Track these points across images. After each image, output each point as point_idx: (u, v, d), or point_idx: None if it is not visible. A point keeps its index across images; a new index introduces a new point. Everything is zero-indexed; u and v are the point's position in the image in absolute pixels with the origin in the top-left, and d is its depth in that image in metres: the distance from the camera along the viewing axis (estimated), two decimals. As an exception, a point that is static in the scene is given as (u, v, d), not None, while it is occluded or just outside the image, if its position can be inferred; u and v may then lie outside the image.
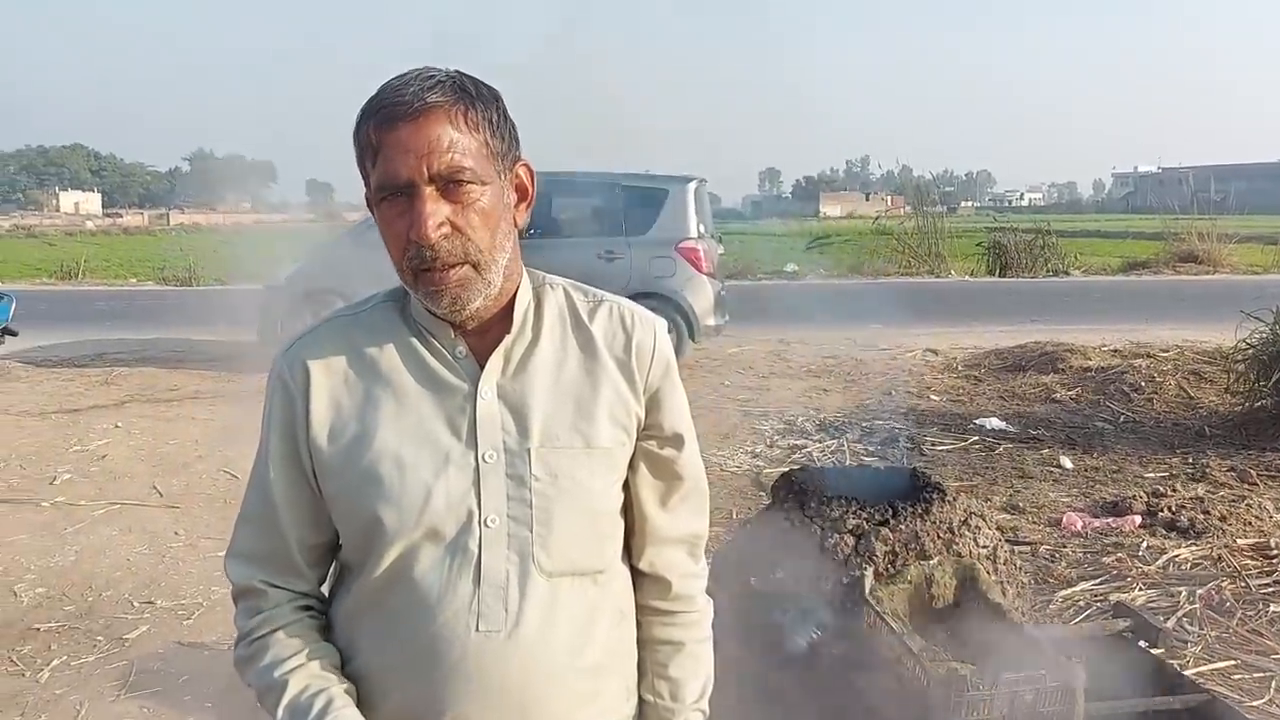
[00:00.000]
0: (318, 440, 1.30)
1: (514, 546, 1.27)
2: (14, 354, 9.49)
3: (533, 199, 1.34)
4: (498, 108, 1.28)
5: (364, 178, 1.28)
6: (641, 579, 1.44)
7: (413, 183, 1.21)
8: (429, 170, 1.20)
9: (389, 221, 1.24)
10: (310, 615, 1.37)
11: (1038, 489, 6.06)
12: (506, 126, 1.29)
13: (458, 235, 1.23)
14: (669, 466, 1.41)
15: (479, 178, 1.24)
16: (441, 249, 1.22)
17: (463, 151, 1.22)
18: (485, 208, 1.25)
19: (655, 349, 1.38)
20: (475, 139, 1.24)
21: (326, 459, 1.30)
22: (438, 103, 1.22)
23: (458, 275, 1.24)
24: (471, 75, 1.28)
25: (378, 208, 1.26)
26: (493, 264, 1.26)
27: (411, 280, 1.26)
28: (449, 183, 1.22)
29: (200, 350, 10.73)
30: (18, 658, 4.03)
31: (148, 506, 5.82)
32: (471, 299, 1.26)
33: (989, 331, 11.98)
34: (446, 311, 1.27)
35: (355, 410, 1.30)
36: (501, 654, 1.26)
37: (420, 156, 1.20)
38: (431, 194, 1.21)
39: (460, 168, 1.22)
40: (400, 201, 1.22)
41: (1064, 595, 4.37)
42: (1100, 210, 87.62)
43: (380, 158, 1.22)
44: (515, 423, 1.29)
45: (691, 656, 1.46)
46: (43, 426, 7.49)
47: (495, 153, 1.27)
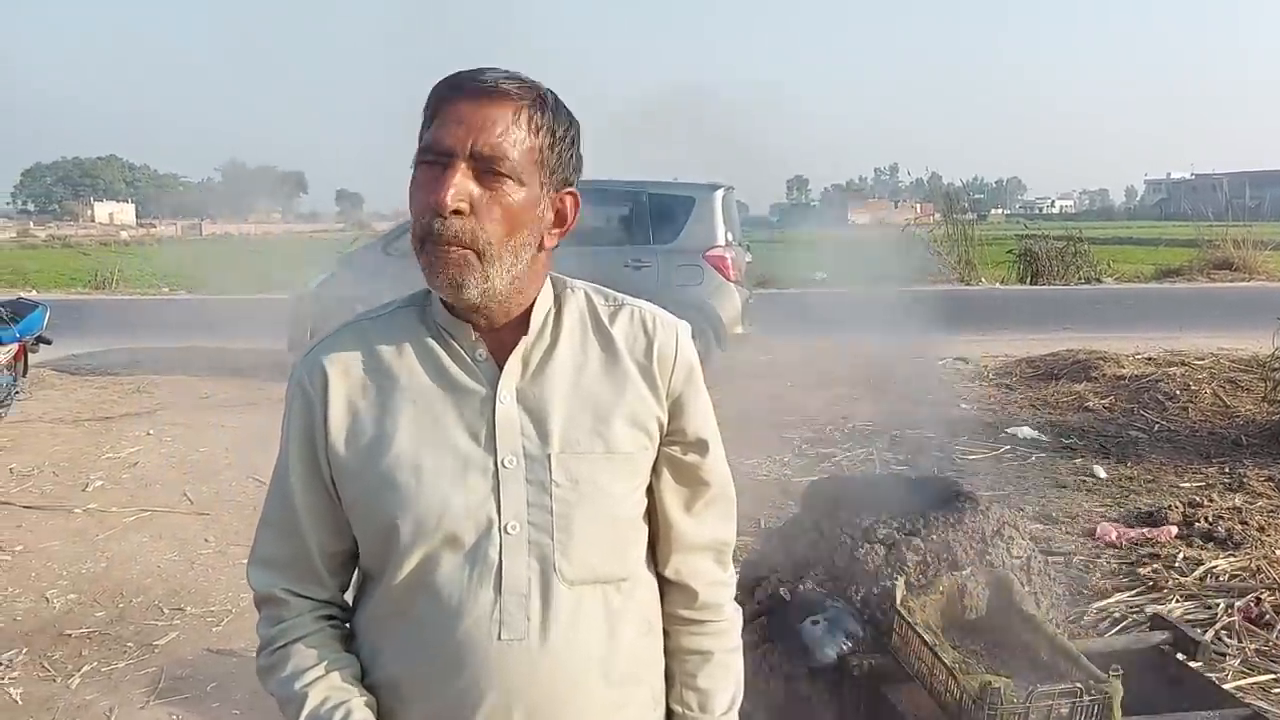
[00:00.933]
0: (336, 446, 1.29)
1: (535, 554, 1.26)
2: (48, 362, 9.60)
3: (569, 228, 1.33)
4: (568, 129, 1.28)
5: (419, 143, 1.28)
6: (668, 587, 1.42)
7: (452, 152, 1.21)
8: (472, 145, 1.21)
9: (418, 185, 1.24)
10: (332, 625, 1.36)
11: (1071, 498, 5.99)
12: (570, 150, 1.29)
13: (472, 218, 1.22)
14: (693, 472, 1.39)
15: (517, 174, 1.23)
16: (451, 224, 1.21)
17: (512, 143, 1.22)
18: (512, 206, 1.23)
19: (678, 353, 1.36)
20: (530, 140, 1.24)
21: (344, 465, 1.29)
22: (509, 91, 1.23)
23: (456, 255, 1.22)
24: (555, 93, 1.28)
25: (415, 169, 1.26)
26: (497, 261, 1.24)
27: (418, 248, 1.25)
28: (487, 167, 1.21)
29: (231, 359, 10.81)
30: (49, 663, 4.06)
31: (178, 513, 5.86)
32: (468, 284, 1.24)
33: (1020, 339, 11.86)
34: (444, 291, 1.25)
35: (373, 415, 1.29)
36: (524, 662, 1.25)
37: (470, 131, 1.21)
38: (464, 169, 1.21)
39: (503, 156, 1.21)
40: (435, 169, 1.22)
41: (1099, 607, 4.29)
42: (1132, 217, 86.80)
43: (434, 123, 1.23)
44: (535, 427, 1.28)
45: (721, 666, 1.43)
46: (76, 433, 7.57)
47: (545, 163, 1.26)
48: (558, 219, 1.31)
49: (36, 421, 7.80)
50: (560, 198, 1.30)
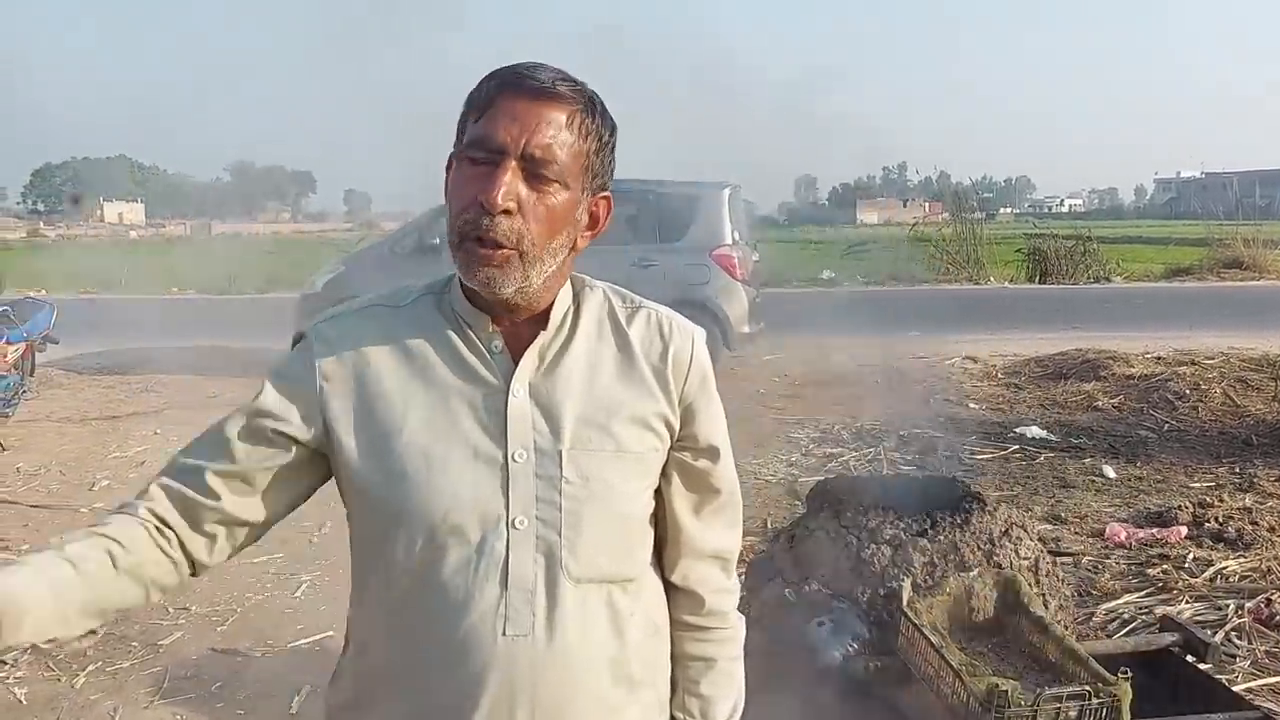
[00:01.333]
0: (345, 430, 1.26)
1: (542, 550, 1.24)
2: (56, 361, 9.62)
3: (601, 230, 1.33)
4: (611, 133, 1.29)
5: (458, 136, 1.27)
6: (674, 593, 1.41)
7: (504, 150, 1.20)
8: (525, 146, 1.20)
9: (462, 179, 1.23)
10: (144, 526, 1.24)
11: (1080, 499, 5.95)
12: (609, 155, 1.29)
13: (519, 217, 1.21)
14: (703, 479, 1.38)
15: (564, 178, 1.23)
16: (499, 223, 1.20)
17: (563, 146, 1.22)
18: (556, 208, 1.23)
19: (692, 358, 1.35)
20: (580, 145, 1.24)
21: (353, 450, 1.26)
22: (565, 94, 1.22)
23: (500, 255, 1.22)
24: (600, 97, 1.28)
25: (457, 162, 1.25)
26: (538, 262, 1.24)
27: (456, 242, 1.24)
28: (536, 169, 1.21)
29: (239, 358, 10.82)
30: (54, 662, 4.05)
31: (184, 513, 5.85)
32: (506, 283, 1.23)
33: (1029, 338, 11.81)
34: (480, 285, 1.24)
35: (385, 402, 1.27)
36: (528, 659, 1.23)
37: (524, 130, 1.20)
38: (515, 169, 1.20)
39: (554, 159, 1.21)
40: (483, 165, 1.21)
41: (1107, 608, 4.26)
42: (1142, 216, 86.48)
43: (485, 116, 1.22)
44: (547, 423, 1.27)
45: (724, 674, 1.43)
46: (83, 433, 7.58)
47: (588, 168, 1.26)
48: (591, 221, 1.32)
49: (43, 421, 7.81)
50: (596, 201, 1.31)
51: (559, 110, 1.21)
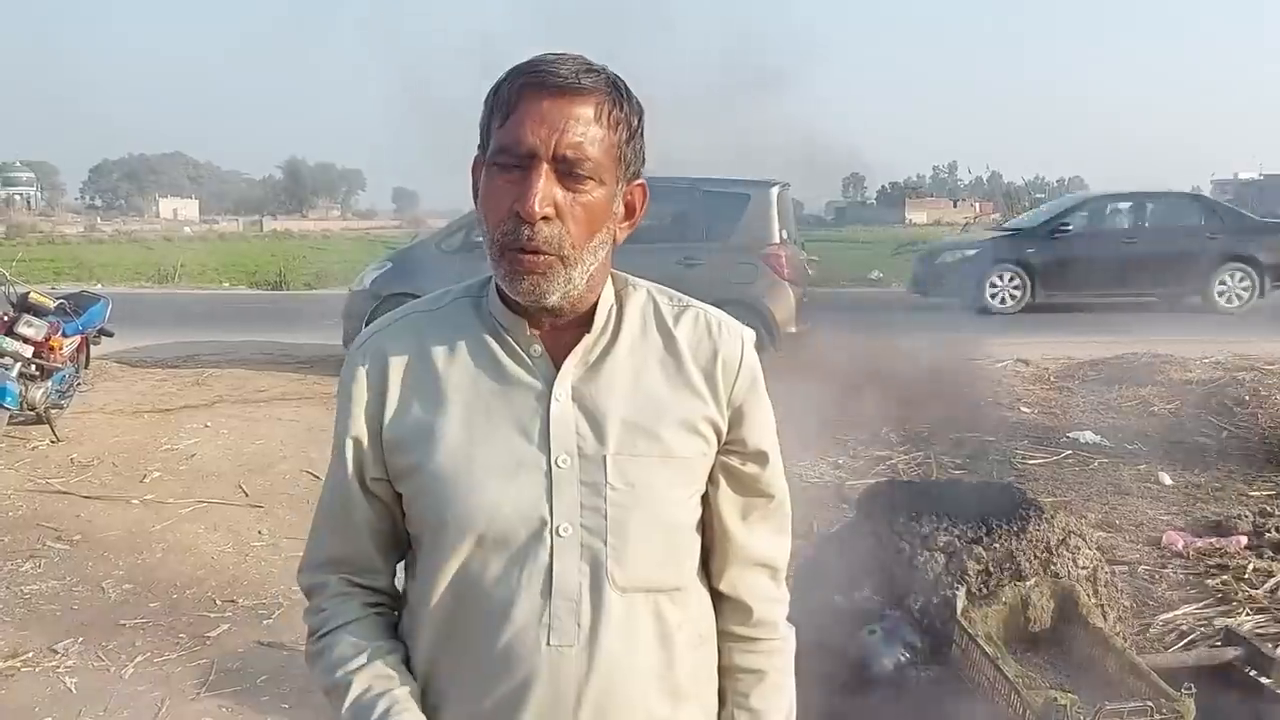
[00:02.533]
0: (390, 439, 1.26)
1: (587, 558, 1.21)
2: (110, 354, 9.76)
3: (638, 220, 1.29)
4: (639, 119, 1.24)
5: (483, 138, 1.23)
6: (722, 602, 1.37)
7: (535, 154, 1.16)
8: (556, 148, 1.16)
9: (495, 189, 1.20)
10: (377, 611, 1.32)
11: (1135, 506, 5.81)
12: (639, 141, 1.25)
13: (558, 222, 1.18)
14: (752, 484, 1.34)
15: (598, 174, 1.19)
16: (540, 232, 1.17)
17: (594, 142, 1.18)
18: (593, 206, 1.20)
19: (742, 360, 1.31)
20: (610, 136, 1.20)
21: (398, 459, 1.26)
22: (590, 87, 1.18)
23: (543, 262, 1.18)
24: (623, 80, 1.24)
25: (486, 171, 1.21)
26: (579, 263, 1.20)
27: (497, 255, 1.20)
28: (569, 169, 1.17)
29: (288, 352, 10.93)
30: (103, 652, 4.10)
31: (233, 505, 5.90)
32: (551, 290, 1.20)
33: (1082, 341, 11.58)
34: (524, 296, 1.21)
35: (426, 411, 1.25)
36: (573, 670, 1.20)
37: (553, 131, 1.16)
38: (548, 172, 1.17)
39: (586, 157, 1.17)
40: (514, 171, 1.18)
41: (1165, 619, 4.14)
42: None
43: (511, 120, 1.18)
44: (591, 427, 1.23)
45: (774, 687, 1.38)
46: (136, 425, 7.67)
47: (621, 159, 1.22)
48: (627, 211, 1.28)
49: (97, 413, 7.92)
50: (630, 190, 1.27)
51: (586, 105, 1.18)
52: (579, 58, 1.20)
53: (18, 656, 4.06)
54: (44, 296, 7.21)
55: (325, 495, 1.33)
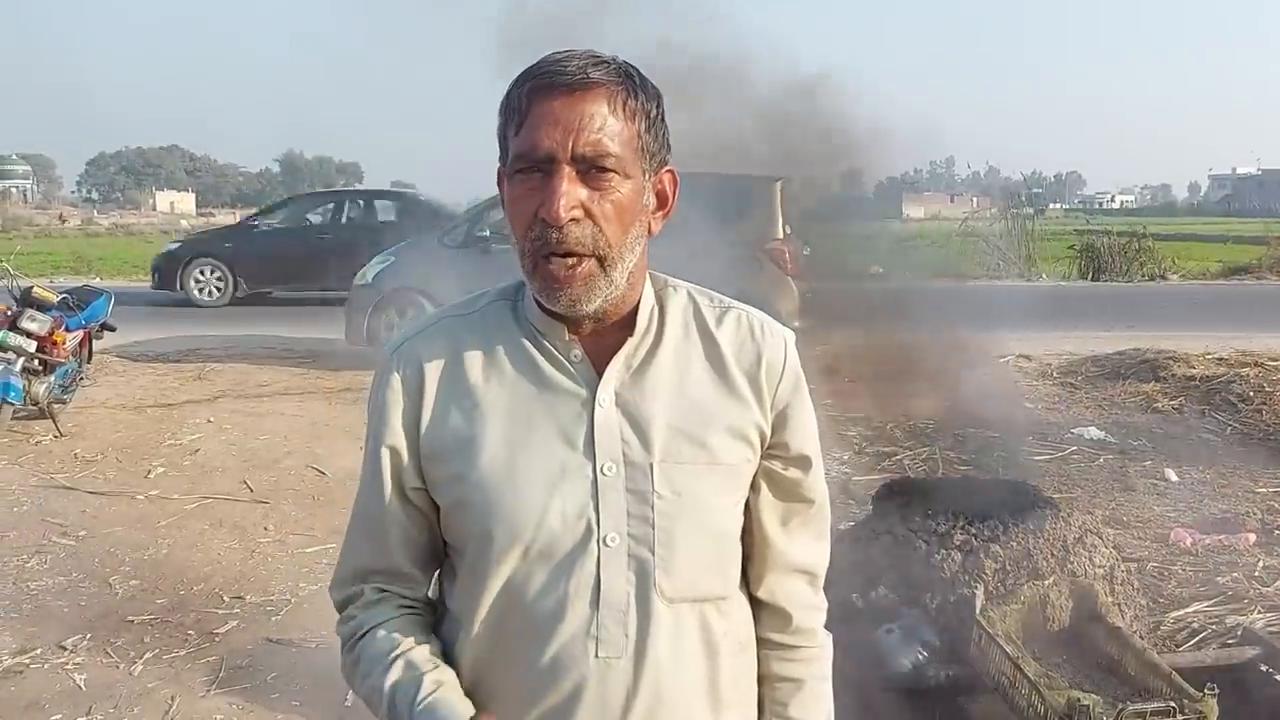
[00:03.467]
0: (428, 448, 1.23)
1: (634, 568, 1.19)
2: (111, 349, 9.74)
3: (672, 208, 1.25)
4: (657, 105, 1.20)
5: (501, 148, 1.20)
6: (760, 609, 1.34)
7: (553, 158, 1.13)
8: (573, 148, 1.12)
9: (518, 198, 1.16)
10: (411, 613, 1.28)
11: (1141, 502, 5.81)
12: (661, 127, 1.21)
13: (589, 223, 1.14)
14: (794, 489, 1.31)
15: (622, 168, 1.15)
16: (570, 234, 1.13)
17: (612, 136, 1.14)
18: (622, 201, 1.16)
19: (785, 363, 1.28)
20: (629, 128, 1.16)
21: (437, 470, 1.23)
22: (599, 80, 1.14)
23: (583, 269, 1.15)
24: (637, 68, 1.20)
25: (509, 180, 1.18)
26: (619, 262, 1.17)
27: (530, 267, 1.17)
28: (590, 167, 1.13)
29: (289, 347, 10.90)
30: (112, 649, 4.09)
31: (238, 501, 5.89)
32: (592, 298, 1.17)
33: (1084, 337, 11.58)
34: (564, 308, 1.18)
35: (465, 419, 1.22)
36: (621, 681, 1.18)
37: (568, 132, 1.12)
38: (570, 174, 1.13)
39: (606, 152, 1.13)
40: (534, 177, 1.14)
41: (1175, 616, 4.14)
42: (1196, 213, 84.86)
43: (525, 126, 1.14)
44: (635, 434, 1.20)
45: (813, 695, 1.35)
46: (138, 420, 7.65)
47: (645, 149, 1.18)
48: (659, 201, 1.24)
49: (100, 407, 7.90)
50: (659, 178, 1.23)
51: (598, 99, 1.14)
52: (587, 52, 1.16)
53: (26, 653, 4.05)
54: (47, 291, 7.19)
55: (359, 507, 1.30)
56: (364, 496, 1.28)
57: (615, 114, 1.14)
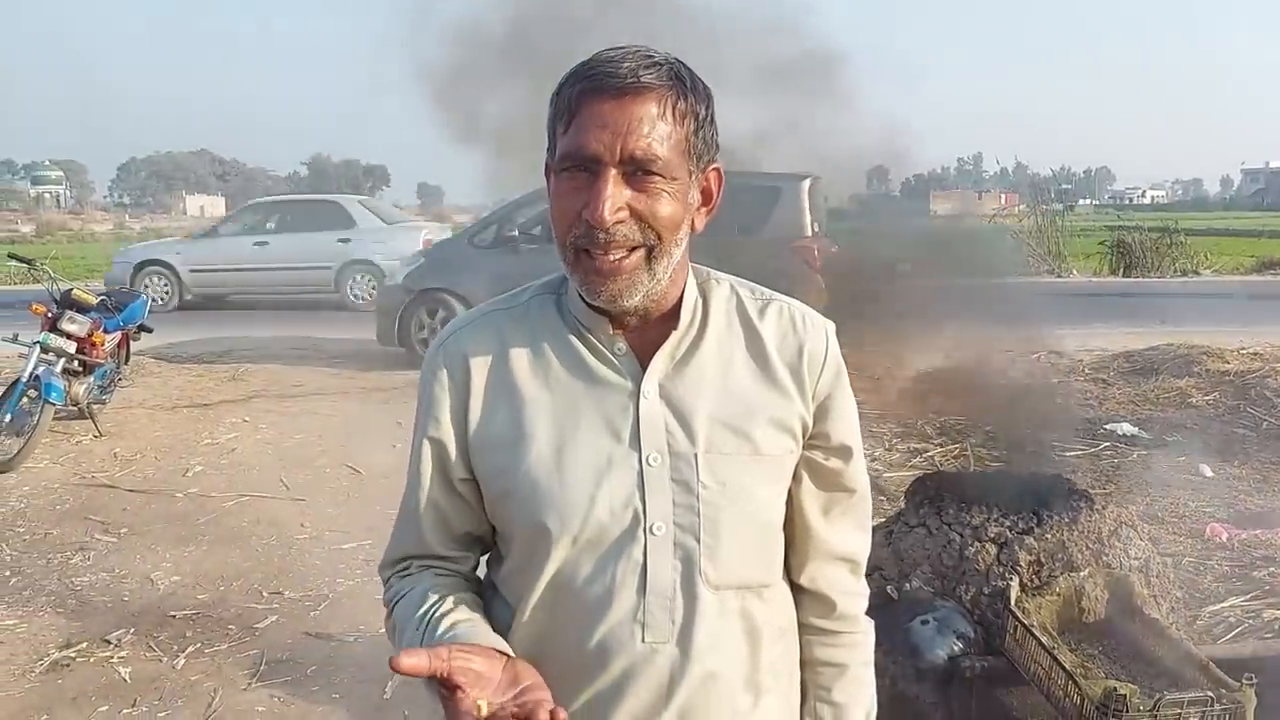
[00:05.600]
0: (477, 442, 1.26)
1: (680, 556, 1.21)
2: (147, 350, 9.88)
3: (716, 205, 1.27)
4: (707, 106, 1.21)
5: (550, 142, 1.21)
6: (802, 596, 1.36)
7: (600, 160, 1.14)
8: (622, 151, 1.14)
9: (563, 194, 1.18)
10: (453, 577, 1.31)
11: (1176, 498, 5.78)
12: (710, 129, 1.22)
13: (633, 222, 1.16)
14: (835, 478, 1.33)
15: (669, 171, 1.16)
16: (617, 233, 1.15)
17: (661, 140, 1.15)
18: (668, 202, 1.17)
19: (827, 354, 1.30)
20: (678, 131, 1.17)
21: (485, 462, 1.26)
22: (651, 84, 1.15)
23: (630, 262, 1.17)
24: (689, 67, 1.21)
25: (555, 176, 1.20)
26: (664, 257, 1.19)
27: (573, 260, 1.19)
28: (637, 169, 1.15)
29: (322, 348, 11.01)
30: (155, 643, 4.16)
31: (275, 499, 5.97)
32: (634, 293, 1.19)
33: (1115, 333, 11.51)
34: (605, 302, 1.20)
35: (513, 412, 1.25)
36: (668, 666, 1.21)
37: (617, 134, 1.13)
38: (616, 177, 1.14)
39: (654, 156, 1.15)
40: (580, 176, 1.16)
41: (1211, 611, 4.13)
42: (1228, 208, 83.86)
43: (574, 125, 1.15)
44: (680, 425, 1.23)
45: (855, 680, 1.38)
46: (175, 420, 7.76)
47: (692, 150, 1.19)
48: (704, 198, 1.25)
49: (138, 408, 8.02)
50: (705, 176, 1.24)
51: (649, 103, 1.14)
52: (638, 51, 1.17)
53: (72, 647, 4.13)
54: (86, 293, 7.30)
55: (408, 498, 1.32)
56: (412, 487, 1.31)
57: (665, 118, 1.15)
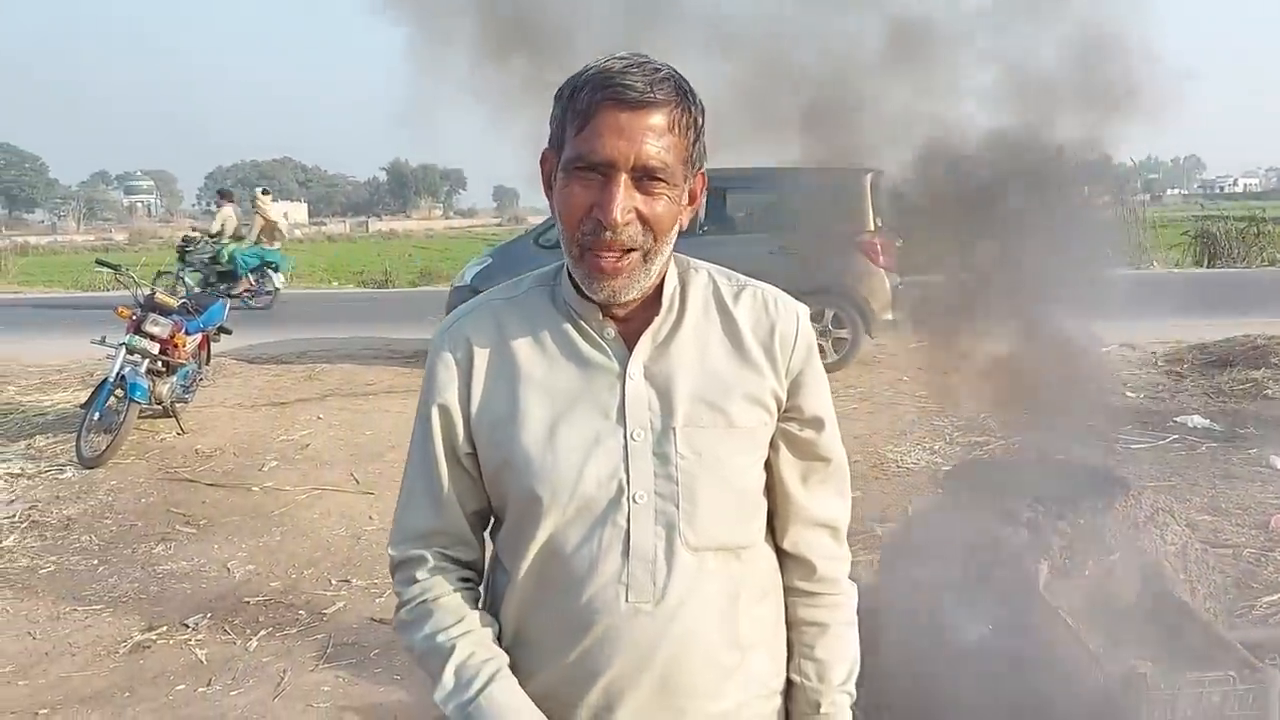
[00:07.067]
0: (478, 419, 1.37)
1: (661, 522, 1.32)
2: (228, 352, 10.22)
3: (699, 205, 1.38)
4: (702, 117, 1.33)
5: (555, 138, 1.32)
6: (786, 560, 1.46)
7: (614, 165, 1.26)
8: (634, 159, 1.25)
9: (572, 192, 1.29)
10: (469, 586, 1.43)
11: (1243, 490, 5.67)
12: (703, 139, 1.34)
13: (638, 224, 1.28)
14: (810, 448, 1.43)
15: (672, 178, 1.29)
16: (623, 232, 1.27)
17: (668, 149, 1.27)
18: (670, 206, 1.29)
19: (798, 334, 1.40)
20: (681, 142, 1.29)
21: (485, 438, 1.37)
22: (665, 100, 1.27)
23: (628, 262, 1.29)
24: (687, 81, 1.31)
25: (563, 173, 1.30)
26: (658, 257, 1.31)
27: (577, 255, 1.30)
28: (646, 176, 1.26)
29: (393, 348, 11.27)
30: (230, 627, 4.38)
31: (346, 492, 6.19)
32: (631, 289, 1.31)
33: (1193, 325, 11.22)
34: (604, 297, 1.31)
35: (510, 391, 1.36)
36: (650, 625, 1.31)
37: (631, 144, 1.25)
38: (626, 182, 1.26)
39: (663, 164, 1.27)
40: (592, 177, 1.27)
41: (1269, 600, 4.07)
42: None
43: (589, 129, 1.26)
44: (661, 403, 1.34)
45: (837, 638, 1.47)
46: (253, 417, 8.05)
47: (690, 158, 1.31)
48: (690, 198, 1.36)
49: (218, 406, 8.33)
50: (694, 181, 1.35)
51: (660, 116, 1.26)
52: (646, 64, 1.27)
53: (153, 630, 4.37)
54: (168, 296, 7.60)
55: (413, 471, 1.43)
56: (418, 461, 1.42)
57: (673, 130, 1.28)
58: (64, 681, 3.96)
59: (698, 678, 1.33)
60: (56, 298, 19.37)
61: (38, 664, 4.11)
